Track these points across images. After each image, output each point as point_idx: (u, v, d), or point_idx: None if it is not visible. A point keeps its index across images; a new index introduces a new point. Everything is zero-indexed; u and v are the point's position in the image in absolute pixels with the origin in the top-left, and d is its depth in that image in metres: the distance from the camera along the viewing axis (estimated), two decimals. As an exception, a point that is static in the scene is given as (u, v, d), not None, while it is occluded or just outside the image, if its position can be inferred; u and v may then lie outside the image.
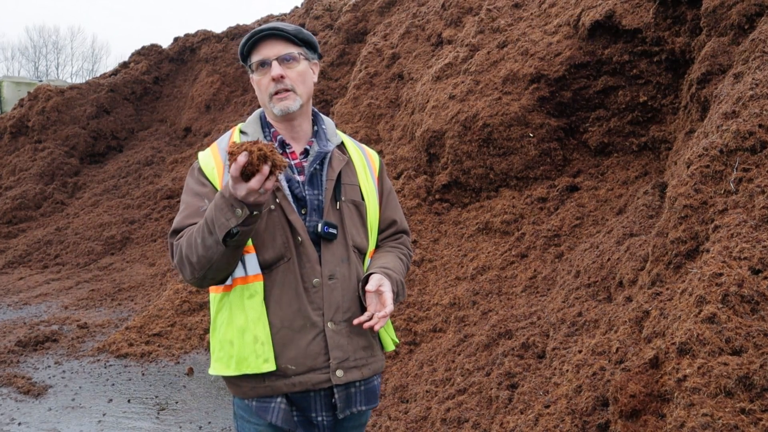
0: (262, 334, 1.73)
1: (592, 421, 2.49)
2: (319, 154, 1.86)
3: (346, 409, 1.82)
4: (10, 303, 7.84)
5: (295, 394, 1.78)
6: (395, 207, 2.05)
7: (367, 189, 1.93)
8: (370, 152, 2.06)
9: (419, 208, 6.19)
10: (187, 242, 1.67)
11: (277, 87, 1.79)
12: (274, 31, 1.80)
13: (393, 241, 2.03)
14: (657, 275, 2.93)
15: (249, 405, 1.81)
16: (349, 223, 1.85)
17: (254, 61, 1.82)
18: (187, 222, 1.75)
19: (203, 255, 1.63)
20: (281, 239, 1.76)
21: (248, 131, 1.88)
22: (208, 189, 1.78)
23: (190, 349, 5.78)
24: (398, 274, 1.86)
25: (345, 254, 1.82)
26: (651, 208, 3.97)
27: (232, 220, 1.56)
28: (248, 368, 1.73)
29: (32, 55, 46.45)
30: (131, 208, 11.29)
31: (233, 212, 1.56)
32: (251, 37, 1.81)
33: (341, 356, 1.78)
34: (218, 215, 1.57)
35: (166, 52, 15.41)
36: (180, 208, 1.82)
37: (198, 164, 1.85)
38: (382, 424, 3.67)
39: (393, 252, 1.98)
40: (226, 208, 1.56)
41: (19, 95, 18.18)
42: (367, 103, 8.12)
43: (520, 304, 4.26)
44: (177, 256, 1.71)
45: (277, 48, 1.80)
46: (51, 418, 4.41)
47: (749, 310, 2.09)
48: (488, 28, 6.91)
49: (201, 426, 4.25)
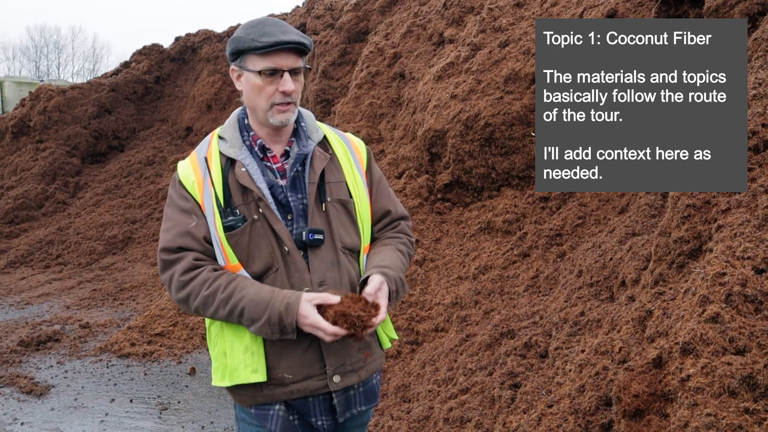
0: (253, 345, 1.73)
1: (596, 421, 2.49)
2: (299, 156, 1.81)
3: (346, 411, 1.82)
4: (12, 303, 7.85)
5: (294, 399, 1.77)
6: (387, 195, 1.98)
7: (354, 184, 1.88)
8: (355, 142, 1.98)
9: (421, 207, 6.18)
10: (204, 301, 1.69)
11: (284, 99, 1.75)
12: (298, 45, 1.72)
13: (391, 230, 1.96)
14: (660, 275, 2.92)
15: (249, 411, 1.81)
16: (336, 224, 1.81)
17: (264, 67, 1.72)
18: (179, 241, 1.72)
19: (219, 318, 1.71)
20: (267, 250, 1.73)
21: (227, 136, 1.82)
22: (192, 204, 1.75)
23: (192, 348, 5.78)
24: (396, 270, 1.81)
25: (334, 258, 1.78)
26: (653, 208, 3.96)
27: (275, 336, 1.67)
28: (238, 379, 1.73)
29: (33, 54, 46.54)
30: (133, 207, 11.30)
31: (282, 333, 1.66)
32: (272, 46, 1.70)
33: (337, 362, 1.76)
34: (264, 328, 1.65)
35: (167, 52, 15.40)
36: (166, 225, 1.77)
37: (178, 177, 1.80)
38: (384, 423, 3.67)
39: (391, 245, 1.91)
40: (276, 328, 1.65)
41: (20, 95, 18.18)
42: (368, 102, 8.12)
43: (522, 304, 4.26)
44: (181, 292, 1.71)
45: (291, 59, 1.74)
46: (53, 418, 4.42)
47: (753, 310, 2.09)
48: (490, 27, 6.90)
49: (203, 426, 4.26)
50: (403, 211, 2.02)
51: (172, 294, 1.73)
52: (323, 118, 9.26)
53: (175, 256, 1.72)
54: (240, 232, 1.72)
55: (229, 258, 1.73)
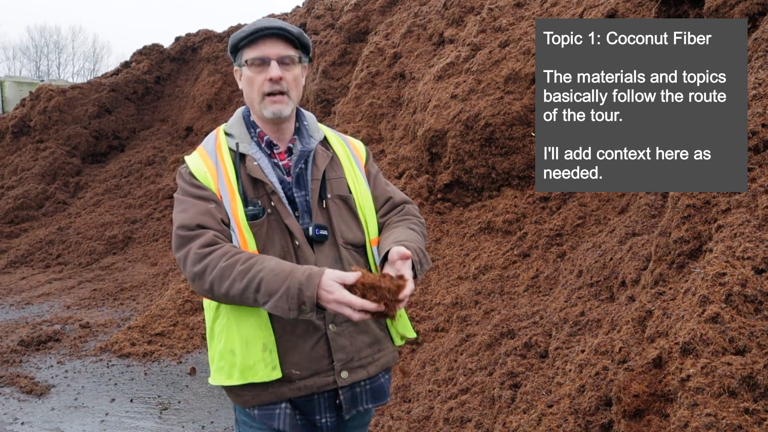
0: (270, 342, 1.69)
1: (596, 421, 2.49)
2: (302, 154, 1.82)
3: (352, 408, 1.80)
4: (13, 303, 7.85)
5: (299, 398, 1.75)
6: (385, 185, 1.99)
7: (355, 180, 1.89)
8: (354, 143, 2.00)
9: (421, 207, 6.19)
10: (221, 273, 1.59)
11: (273, 88, 1.74)
12: (279, 30, 1.75)
13: (396, 214, 1.93)
14: (660, 275, 2.92)
15: (251, 413, 1.77)
16: (337, 220, 1.81)
17: (251, 57, 1.75)
18: (199, 219, 1.67)
19: (233, 297, 1.60)
20: (280, 243, 1.73)
21: (234, 133, 1.82)
22: (209, 192, 1.73)
23: (193, 348, 5.78)
24: (415, 242, 1.76)
25: (336, 254, 1.78)
26: (653, 208, 3.96)
27: (292, 313, 1.54)
28: (255, 377, 1.68)
29: (34, 54, 46.54)
30: (133, 207, 11.30)
31: (299, 310, 1.54)
32: (254, 32, 1.74)
33: (345, 357, 1.75)
34: (281, 301, 1.54)
35: (167, 52, 15.41)
36: (182, 206, 1.73)
37: (188, 168, 1.78)
38: (384, 423, 3.67)
39: (402, 224, 1.87)
40: (294, 301, 1.53)
41: (20, 95, 18.20)
42: (368, 102, 8.12)
43: (522, 304, 4.26)
44: (197, 265, 1.63)
45: (279, 48, 1.75)
46: (54, 418, 4.42)
47: (753, 310, 2.09)
48: (490, 27, 6.90)
49: (204, 425, 4.26)
50: (404, 196, 2.01)
51: (187, 268, 1.65)
52: (323, 118, 9.26)
53: (194, 233, 1.67)
54: (261, 223, 1.71)
55: (248, 246, 1.70)
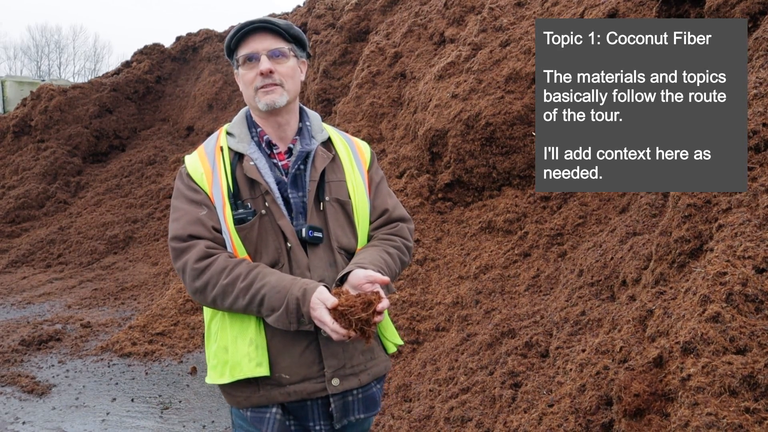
0: (258, 338, 1.70)
1: (596, 420, 2.49)
2: (301, 154, 1.81)
3: (344, 418, 1.78)
4: (14, 302, 7.86)
5: (291, 403, 1.73)
6: (387, 195, 1.95)
7: (355, 184, 1.86)
8: (359, 144, 1.98)
9: (422, 207, 6.19)
10: (222, 290, 1.65)
11: (264, 81, 1.74)
12: (264, 24, 1.75)
13: (387, 231, 1.90)
14: (661, 274, 2.93)
15: (244, 415, 1.77)
16: (333, 224, 1.79)
17: (241, 55, 1.76)
18: (190, 229, 1.70)
19: (236, 310, 1.68)
20: (274, 245, 1.73)
21: (235, 132, 1.83)
22: (202, 196, 1.74)
23: (194, 348, 5.79)
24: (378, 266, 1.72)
25: (331, 258, 1.77)
26: (654, 207, 3.96)
27: (293, 326, 1.63)
28: (241, 373, 1.68)
29: (35, 54, 46.58)
30: (134, 207, 11.31)
31: (299, 323, 1.62)
32: (240, 30, 1.75)
33: (336, 364, 1.73)
34: (282, 316, 1.61)
35: (168, 52, 15.42)
36: (175, 215, 1.76)
37: (186, 169, 1.80)
38: (385, 423, 3.68)
39: (379, 246, 1.83)
40: (294, 316, 1.61)
41: (21, 95, 18.20)
42: (369, 102, 8.12)
43: (523, 303, 4.26)
44: (197, 281, 1.67)
45: (267, 42, 1.75)
46: (55, 417, 4.43)
47: (753, 309, 2.09)
48: (491, 26, 6.90)
49: (204, 425, 4.26)
50: (402, 213, 1.97)
51: (188, 284, 1.69)
52: (324, 117, 9.26)
53: (186, 245, 1.69)
54: (249, 226, 1.71)
55: (238, 251, 1.71)
